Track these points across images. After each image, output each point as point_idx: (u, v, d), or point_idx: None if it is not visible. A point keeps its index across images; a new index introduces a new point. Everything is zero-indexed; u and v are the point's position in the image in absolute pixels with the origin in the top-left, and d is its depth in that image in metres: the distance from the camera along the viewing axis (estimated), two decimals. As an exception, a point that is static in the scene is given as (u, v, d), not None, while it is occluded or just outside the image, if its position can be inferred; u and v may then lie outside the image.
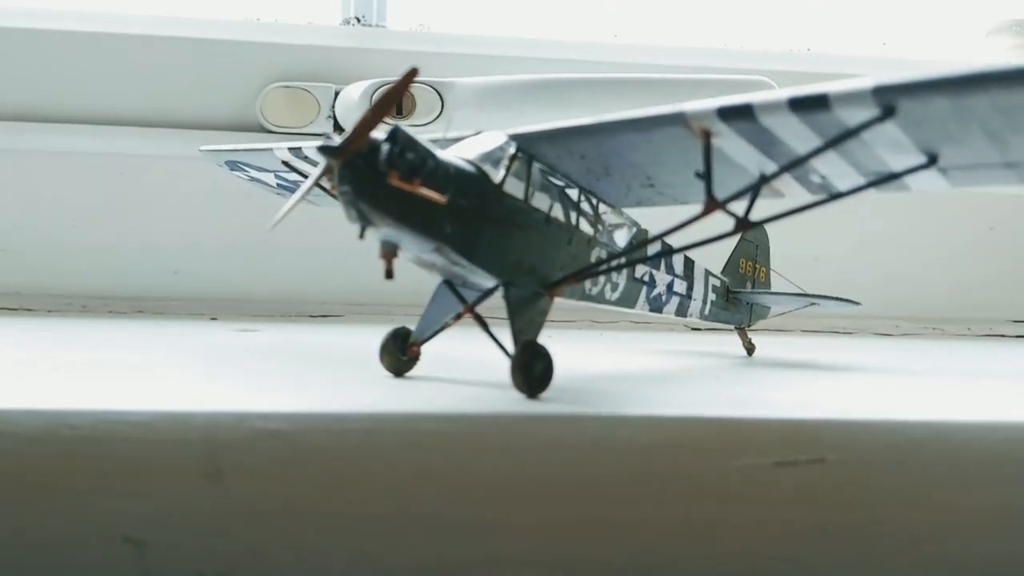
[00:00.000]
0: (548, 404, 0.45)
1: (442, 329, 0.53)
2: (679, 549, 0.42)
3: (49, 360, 0.56)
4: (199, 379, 0.51)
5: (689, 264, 0.64)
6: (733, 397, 0.50)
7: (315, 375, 0.53)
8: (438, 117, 0.91)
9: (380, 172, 0.44)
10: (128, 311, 0.93)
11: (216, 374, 0.53)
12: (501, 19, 1.06)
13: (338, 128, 0.96)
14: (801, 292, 0.70)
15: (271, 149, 0.65)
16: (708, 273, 0.67)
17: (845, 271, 1.00)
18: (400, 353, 0.53)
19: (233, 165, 0.72)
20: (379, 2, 1.04)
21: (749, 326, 0.73)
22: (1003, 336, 1.02)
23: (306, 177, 0.66)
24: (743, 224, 0.46)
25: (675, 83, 0.91)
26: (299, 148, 0.63)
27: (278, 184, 0.73)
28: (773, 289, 0.76)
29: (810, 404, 0.48)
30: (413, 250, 0.47)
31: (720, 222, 0.47)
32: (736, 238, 0.70)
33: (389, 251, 0.47)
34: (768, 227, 0.77)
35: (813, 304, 0.70)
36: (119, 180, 0.95)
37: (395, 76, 0.95)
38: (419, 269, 0.50)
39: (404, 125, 0.93)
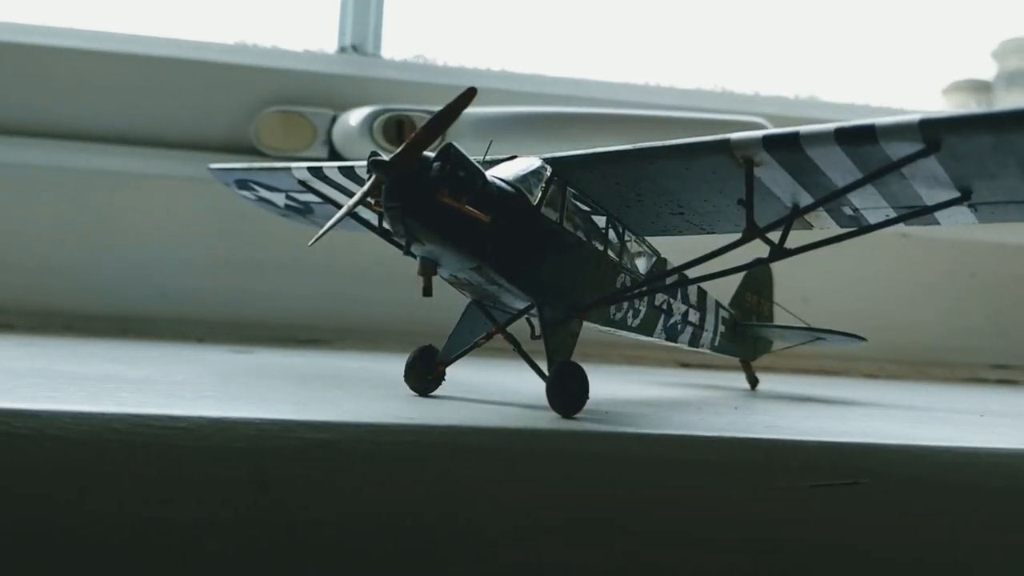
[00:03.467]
0: (586, 423, 0.45)
1: (471, 348, 0.53)
2: (717, 567, 0.42)
3: (60, 373, 0.55)
4: (227, 392, 0.51)
5: (702, 295, 0.65)
6: (761, 422, 0.51)
7: (345, 392, 0.53)
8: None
9: (430, 189, 0.44)
10: (113, 331, 0.91)
11: (241, 388, 0.53)
12: (496, 54, 1.08)
13: (334, 155, 0.96)
14: (808, 327, 0.71)
15: (289, 168, 0.65)
16: (718, 305, 0.68)
17: (833, 313, 1.02)
18: (426, 372, 0.53)
19: (242, 184, 0.72)
20: (375, 32, 1.05)
21: (754, 359, 0.74)
22: (985, 380, 1.04)
23: (323, 197, 0.66)
24: (779, 253, 0.47)
25: (669, 121, 0.93)
26: (319, 168, 0.63)
27: (286, 205, 0.72)
28: (776, 323, 0.77)
29: (841, 430, 0.49)
30: (453, 268, 0.48)
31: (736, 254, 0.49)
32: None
33: (430, 268, 0.47)
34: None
35: (819, 339, 0.72)
36: (110, 198, 0.94)
37: (392, 104, 0.97)
38: (410, 297, 0.49)
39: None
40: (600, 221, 0.55)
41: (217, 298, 0.95)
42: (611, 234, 0.55)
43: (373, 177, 0.45)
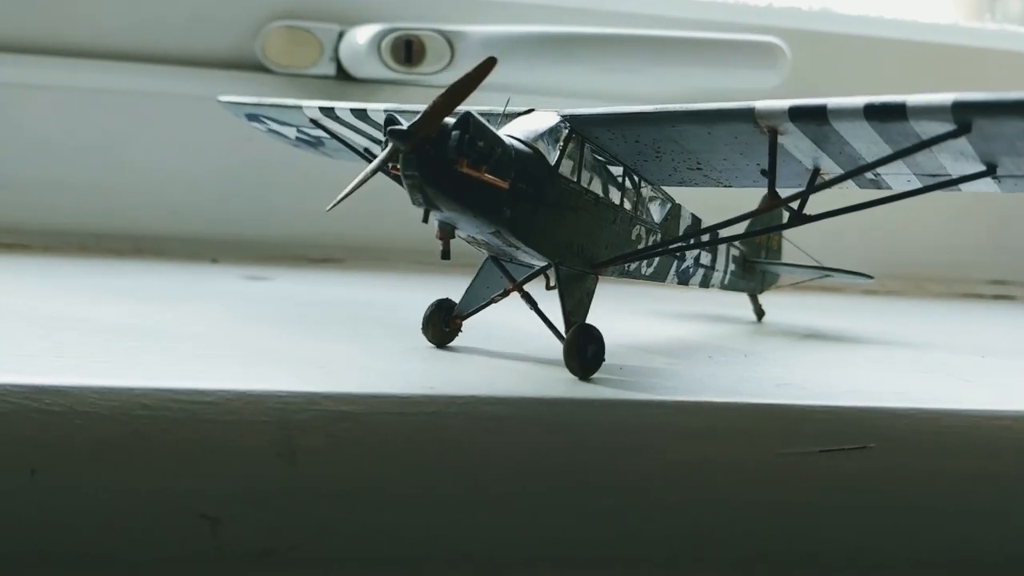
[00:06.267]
0: (601, 387, 0.46)
1: (487, 305, 0.53)
2: (726, 532, 0.44)
3: (79, 321, 0.56)
4: (249, 349, 0.52)
5: (713, 236, 0.65)
6: (772, 379, 0.52)
7: (364, 345, 0.54)
8: (448, 66, 0.90)
9: (449, 159, 0.44)
10: (127, 250, 0.92)
11: (261, 342, 0.53)
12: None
13: (341, 72, 0.94)
14: (816, 265, 0.72)
15: (300, 107, 0.64)
16: (729, 244, 0.68)
17: (835, 230, 1.02)
18: (443, 325, 0.54)
19: (253, 117, 0.71)
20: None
21: (761, 292, 0.74)
22: (982, 296, 1.05)
23: (334, 136, 0.65)
24: (798, 219, 0.47)
25: (685, 42, 0.91)
26: (331, 108, 0.62)
27: (297, 138, 0.72)
28: (785, 256, 0.77)
29: (851, 390, 0.50)
30: (471, 231, 0.48)
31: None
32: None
33: (448, 232, 0.48)
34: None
35: (826, 275, 0.72)
36: (118, 116, 0.93)
37: (399, 20, 0.94)
38: (414, 217, 0.49)
39: (414, 73, 0.92)
40: (615, 169, 0.54)
41: (229, 217, 0.95)
42: (626, 182, 0.54)
43: (391, 145, 0.44)
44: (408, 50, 0.89)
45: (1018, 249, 1.10)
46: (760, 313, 0.75)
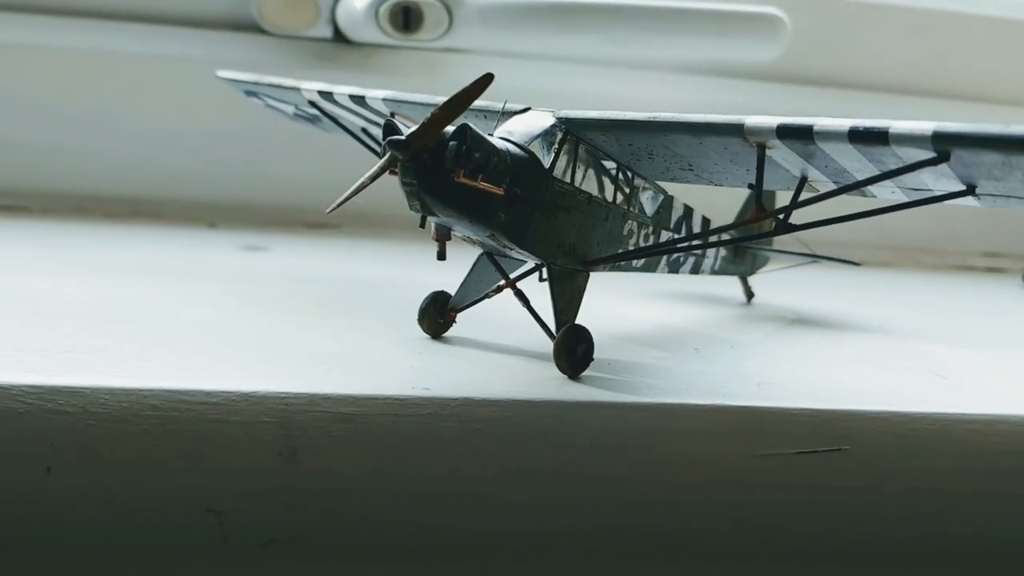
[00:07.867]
0: (589, 387, 0.48)
1: (481, 299, 0.55)
2: (706, 530, 0.47)
3: (89, 307, 0.58)
4: (250, 343, 0.53)
5: (706, 223, 0.66)
6: (753, 378, 0.54)
7: (363, 336, 0.56)
8: (446, 32, 0.90)
9: (446, 169, 0.45)
10: (124, 213, 0.93)
11: (262, 337, 0.55)
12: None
13: (339, 35, 0.94)
14: (806, 252, 0.73)
15: (299, 89, 0.65)
16: (720, 237, 0.69)
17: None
18: (438, 316, 0.56)
19: (251, 93, 0.71)
20: None
21: (751, 275, 0.76)
22: (974, 268, 1.07)
23: (332, 119, 0.66)
24: (784, 228, 0.49)
25: (685, 12, 0.91)
26: (330, 93, 0.63)
27: (295, 114, 0.72)
28: (776, 241, 0.78)
29: (830, 390, 0.52)
30: (467, 234, 0.49)
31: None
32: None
33: (444, 235, 0.49)
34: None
35: (814, 261, 0.74)
36: (113, 78, 0.93)
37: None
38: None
39: (411, 40, 0.91)
40: (608, 164, 0.55)
41: (227, 181, 0.96)
42: (619, 176, 0.55)
43: (390, 153, 0.46)
44: (406, 17, 0.89)
45: (1012, 220, 1.11)
46: (750, 295, 0.77)
